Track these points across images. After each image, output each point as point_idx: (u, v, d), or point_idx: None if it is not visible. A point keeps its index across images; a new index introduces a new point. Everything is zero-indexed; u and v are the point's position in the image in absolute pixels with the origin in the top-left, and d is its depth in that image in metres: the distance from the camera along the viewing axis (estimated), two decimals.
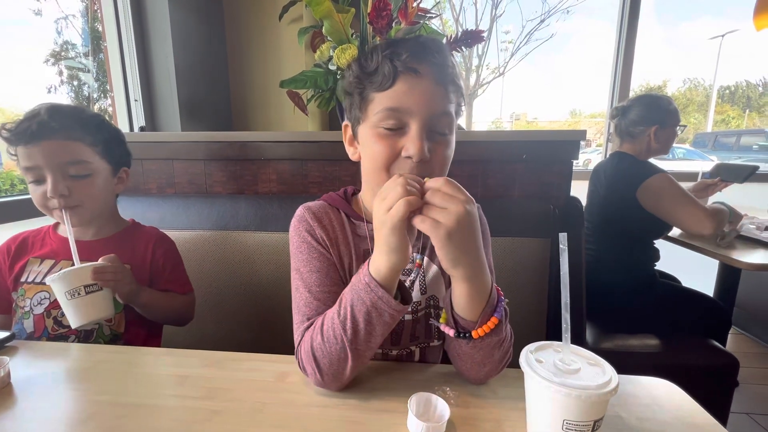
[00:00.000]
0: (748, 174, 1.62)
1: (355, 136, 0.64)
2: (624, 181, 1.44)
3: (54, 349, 0.68)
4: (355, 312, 0.51)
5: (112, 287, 0.75)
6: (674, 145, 1.55)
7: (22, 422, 0.50)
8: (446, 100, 0.57)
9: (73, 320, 0.71)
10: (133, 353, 0.68)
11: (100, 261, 0.75)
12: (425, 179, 0.49)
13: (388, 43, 0.57)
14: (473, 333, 0.52)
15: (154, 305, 0.84)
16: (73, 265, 0.73)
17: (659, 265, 1.55)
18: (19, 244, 0.86)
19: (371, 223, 0.62)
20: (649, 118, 1.45)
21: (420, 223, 0.47)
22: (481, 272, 0.51)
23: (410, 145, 0.55)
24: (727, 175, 1.67)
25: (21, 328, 0.79)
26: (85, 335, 0.80)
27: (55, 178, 0.76)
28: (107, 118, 0.88)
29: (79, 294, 0.70)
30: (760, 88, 13.26)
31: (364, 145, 0.60)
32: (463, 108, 0.63)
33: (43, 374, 0.60)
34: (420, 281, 0.65)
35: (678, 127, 1.49)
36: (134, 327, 0.85)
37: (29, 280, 0.82)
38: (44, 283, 0.78)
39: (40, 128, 0.74)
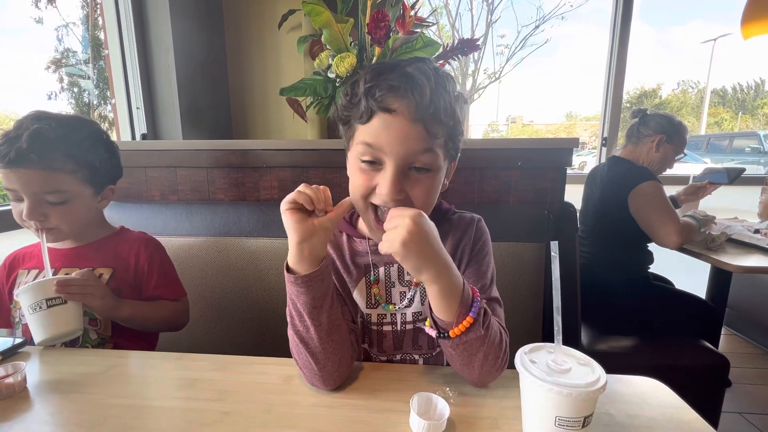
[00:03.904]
0: (736, 176, 1.67)
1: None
2: (619, 184, 1.47)
3: (66, 355, 0.70)
4: (288, 298, 0.59)
5: (80, 301, 0.73)
6: None
7: (40, 425, 0.52)
8: (426, 137, 0.55)
9: (36, 335, 0.69)
10: (143, 358, 0.70)
11: (73, 274, 0.75)
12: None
13: (372, 73, 0.56)
14: (450, 332, 0.54)
15: (139, 317, 0.82)
16: (54, 275, 0.73)
17: (652, 268, 1.59)
18: (12, 258, 0.88)
19: (371, 239, 0.69)
20: (661, 127, 1.51)
21: (380, 247, 0.53)
22: (446, 272, 0.53)
23: (382, 185, 0.57)
24: (715, 177, 1.72)
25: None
26: (71, 341, 0.78)
27: (31, 204, 0.74)
28: (103, 132, 0.85)
29: (40, 308, 0.68)
30: (753, 91, 13.42)
31: (350, 172, 0.63)
32: (460, 138, 0.61)
33: (57, 379, 0.62)
34: (421, 293, 0.68)
35: (679, 152, 1.54)
36: (123, 329, 0.83)
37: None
38: None
39: (18, 156, 0.71)
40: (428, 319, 0.58)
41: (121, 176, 0.91)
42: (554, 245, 0.47)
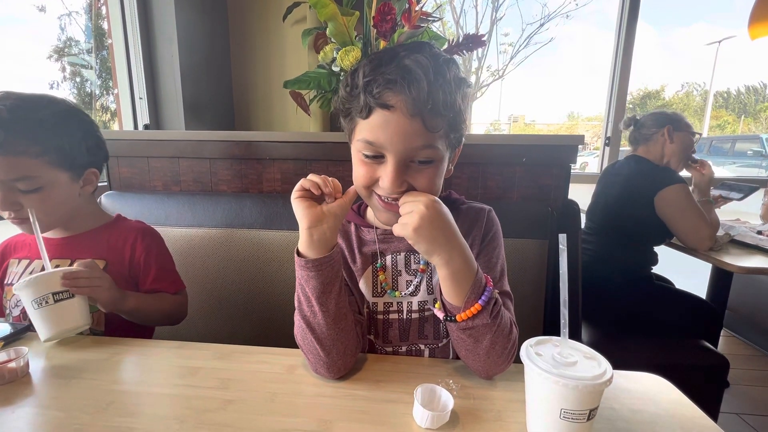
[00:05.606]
0: (748, 193, 1.66)
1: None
2: (644, 184, 1.46)
3: (69, 341, 0.70)
4: (296, 282, 0.60)
5: (89, 294, 0.69)
6: None
7: (43, 409, 0.51)
8: (426, 132, 0.54)
9: (42, 332, 0.65)
10: (146, 345, 0.70)
11: (75, 266, 0.71)
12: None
13: (371, 65, 0.56)
14: (457, 316, 0.56)
15: (142, 310, 0.79)
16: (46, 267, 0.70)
17: (653, 268, 1.59)
18: (4, 247, 0.85)
19: (379, 228, 0.69)
20: (661, 121, 1.51)
21: (394, 230, 0.56)
22: (458, 258, 0.55)
23: (384, 178, 0.57)
24: (728, 192, 1.70)
25: None
26: None
27: (2, 194, 0.70)
28: (76, 111, 0.78)
29: (46, 302, 0.64)
30: (754, 95, 13.39)
31: (353, 163, 0.63)
32: (462, 127, 0.60)
33: (59, 365, 0.62)
34: (426, 282, 0.68)
35: (693, 134, 1.53)
36: (116, 324, 0.79)
37: (9, 282, 0.80)
38: None
39: None
40: (438, 301, 0.59)
41: (106, 159, 0.85)
42: (563, 238, 0.46)
